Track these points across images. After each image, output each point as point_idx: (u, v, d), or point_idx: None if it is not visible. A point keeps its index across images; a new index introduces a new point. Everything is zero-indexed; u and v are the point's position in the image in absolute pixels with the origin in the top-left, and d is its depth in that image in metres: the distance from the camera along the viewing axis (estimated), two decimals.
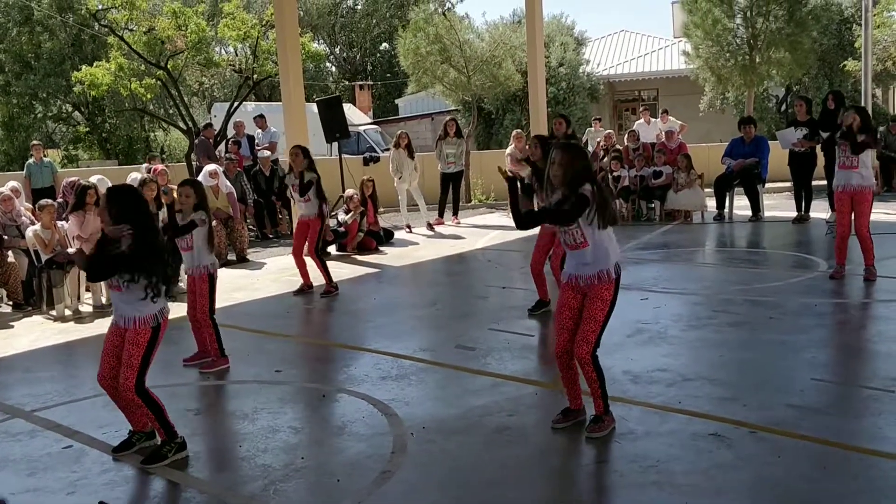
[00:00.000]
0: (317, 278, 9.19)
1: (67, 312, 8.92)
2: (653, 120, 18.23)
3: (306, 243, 9.07)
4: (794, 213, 12.87)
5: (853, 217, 8.30)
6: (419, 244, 12.76)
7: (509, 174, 4.94)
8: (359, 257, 11.69)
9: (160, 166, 13.59)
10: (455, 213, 14.85)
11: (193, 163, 16.88)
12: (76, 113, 32.02)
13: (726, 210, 13.66)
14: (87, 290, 9.39)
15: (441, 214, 14.66)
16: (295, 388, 6.09)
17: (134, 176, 11.74)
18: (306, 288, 9.25)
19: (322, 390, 5.94)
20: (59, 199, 10.68)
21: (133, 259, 4.51)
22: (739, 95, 22.98)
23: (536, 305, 7.72)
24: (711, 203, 13.74)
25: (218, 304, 6.80)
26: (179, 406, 5.59)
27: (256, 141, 15.85)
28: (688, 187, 13.57)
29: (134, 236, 4.49)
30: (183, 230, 6.22)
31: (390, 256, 11.69)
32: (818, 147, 12.28)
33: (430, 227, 14.04)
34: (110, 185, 10.36)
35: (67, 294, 8.97)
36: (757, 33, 19.46)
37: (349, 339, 7.43)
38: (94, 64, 19.94)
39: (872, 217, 8.36)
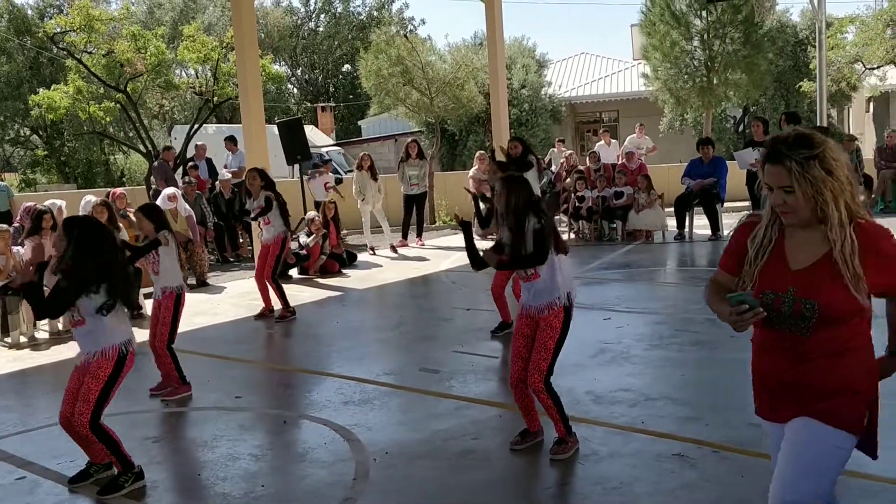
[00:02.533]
0: (276, 302, 9.10)
1: (23, 339, 8.72)
2: (613, 141, 18.42)
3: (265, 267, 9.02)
4: None
5: None
6: (383, 266, 12.70)
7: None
8: (321, 280, 11.60)
9: (119, 190, 13.40)
10: (419, 235, 14.83)
11: (152, 186, 16.68)
12: (34, 136, 31.63)
13: (686, 229, 13.80)
14: None
15: (405, 236, 14.63)
16: (255, 414, 6.00)
17: (88, 199, 11.55)
18: (267, 312, 9.16)
19: (283, 416, 5.86)
20: (16, 224, 10.49)
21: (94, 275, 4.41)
22: (698, 116, 23.34)
23: (499, 327, 7.71)
24: (672, 223, 13.88)
25: (178, 330, 6.70)
26: (139, 434, 5.48)
27: (225, 163, 15.71)
28: (649, 207, 13.70)
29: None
30: (145, 249, 6.15)
31: (353, 279, 11.62)
32: None
33: (393, 249, 14.00)
34: (65, 210, 10.32)
35: (23, 321, 8.77)
36: (714, 55, 19.78)
37: (311, 364, 7.35)
38: (53, 87, 19.74)
39: None
